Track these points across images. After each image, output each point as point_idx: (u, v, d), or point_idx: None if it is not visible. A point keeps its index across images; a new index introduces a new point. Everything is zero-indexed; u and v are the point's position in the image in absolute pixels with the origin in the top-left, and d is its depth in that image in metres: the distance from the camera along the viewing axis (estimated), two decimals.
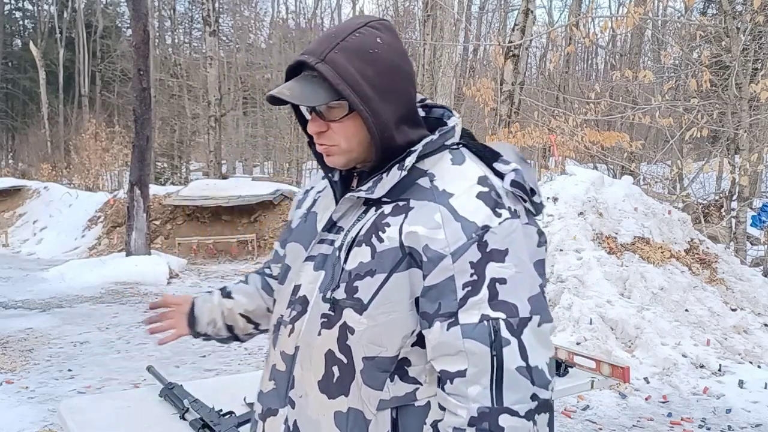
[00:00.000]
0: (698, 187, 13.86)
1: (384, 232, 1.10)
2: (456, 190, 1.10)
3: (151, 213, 11.20)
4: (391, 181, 1.12)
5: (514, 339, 1.04)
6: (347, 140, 1.14)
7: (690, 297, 6.02)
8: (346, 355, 1.12)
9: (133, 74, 10.75)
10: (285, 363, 1.20)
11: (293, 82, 1.13)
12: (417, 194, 1.12)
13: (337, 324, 1.12)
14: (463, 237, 1.05)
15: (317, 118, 1.14)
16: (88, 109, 28.52)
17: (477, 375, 1.04)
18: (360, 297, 1.10)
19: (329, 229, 1.19)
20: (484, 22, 26.37)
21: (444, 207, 1.08)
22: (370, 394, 1.11)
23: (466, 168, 1.14)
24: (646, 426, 4.26)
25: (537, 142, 9.64)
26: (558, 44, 12.60)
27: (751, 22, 8.76)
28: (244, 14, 28.69)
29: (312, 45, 1.13)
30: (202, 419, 1.76)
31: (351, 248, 1.13)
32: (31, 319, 7.21)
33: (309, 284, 1.18)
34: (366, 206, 1.16)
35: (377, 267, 1.09)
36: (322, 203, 1.27)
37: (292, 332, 1.18)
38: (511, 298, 1.05)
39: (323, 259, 1.17)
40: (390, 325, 1.09)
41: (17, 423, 4.22)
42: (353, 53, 1.10)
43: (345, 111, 1.12)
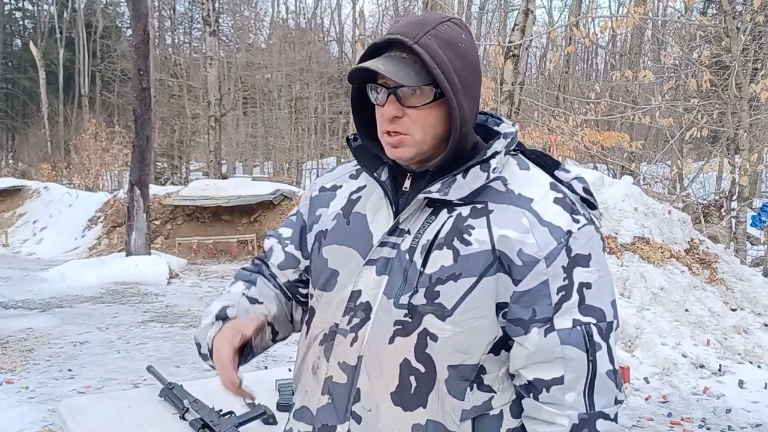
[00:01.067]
0: (698, 187, 13.86)
1: (470, 235, 1.06)
2: (534, 195, 1.09)
3: (151, 213, 11.20)
4: (473, 184, 1.08)
5: (604, 343, 1.06)
6: (423, 130, 1.09)
7: (690, 297, 6.02)
8: (425, 363, 1.07)
9: (133, 74, 10.75)
10: (346, 374, 1.11)
11: (388, 59, 1.07)
12: (494, 197, 1.09)
13: (415, 331, 1.07)
14: (553, 241, 1.05)
15: (395, 101, 1.08)
16: (88, 109, 28.52)
17: (574, 381, 1.05)
18: (442, 302, 1.05)
19: (392, 232, 1.12)
20: (484, 22, 26.38)
21: (528, 212, 1.07)
22: (454, 405, 1.07)
23: (535, 174, 1.13)
24: (646, 426, 4.25)
25: (537, 142, 9.63)
26: (558, 44, 12.60)
27: (751, 22, 8.76)
28: (244, 14, 28.69)
29: (401, 28, 1.09)
30: (202, 419, 1.76)
31: (430, 251, 1.07)
32: (31, 319, 7.20)
33: (371, 290, 1.10)
34: (432, 208, 1.11)
35: (462, 271, 1.05)
36: (369, 204, 1.18)
37: (355, 341, 1.10)
38: (597, 302, 1.06)
39: (386, 262, 1.10)
40: (476, 331, 1.06)
41: (17, 423, 4.22)
42: (445, 43, 1.07)
43: (428, 98, 1.07)
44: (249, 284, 1.30)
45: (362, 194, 1.21)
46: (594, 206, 1.14)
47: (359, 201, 1.20)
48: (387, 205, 1.15)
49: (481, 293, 1.05)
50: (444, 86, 1.05)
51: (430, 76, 1.06)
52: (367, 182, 1.21)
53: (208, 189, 13.19)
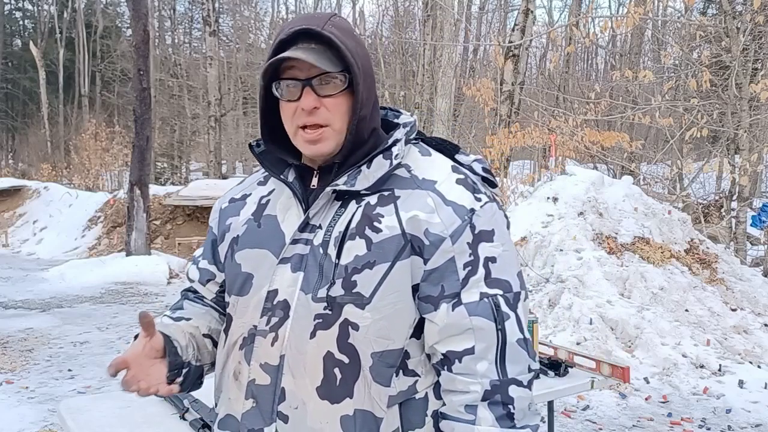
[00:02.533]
0: (698, 187, 13.86)
1: (380, 222, 1.08)
2: (437, 177, 1.13)
3: (151, 213, 11.20)
4: (377, 172, 1.11)
5: (512, 313, 1.10)
6: (340, 118, 1.11)
7: (690, 297, 6.01)
8: (349, 354, 1.08)
9: (133, 74, 10.76)
10: (269, 375, 1.11)
11: (304, 47, 1.09)
12: (399, 184, 1.12)
13: (336, 322, 1.08)
14: (458, 219, 1.09)
15: (311, 92, 1.09)
16: (88, 109, 28.52)
17: (484, 351, 1.08)
18: (360, 291, 1.07)
19: (302, 229, 1.13)
20: (484, 22, 26.36)
21: (432, 192, 1.10)
22: (380, 392, 1.08)
23: (436, 159, 1.18)
24: (646, 426, 4.25)
25: (537, 142, 9.63)
26: (558, 44, 12.59)
27: (751, 22, 8.76)
28: (244, 14, 28.69)
29: (299, 21, 1.11)
30: (202, 419, 1.76)
31: (343, 243, 1.08)
32: (31, 319, 7.20)
33: (288, 287, 1.11)
34: (341, 201, 1.13)
35: (377, 258, 1.07)
36: (278, 205, 1.19)
37: (276, 340, 1.10)
38: (503, 275, 1.10)
39: (300, 259, 1.11)
40: (396, 315, 1.08)
41: (17, 423, 4.22)
42: (345, 32, 1.11)
43: (343, 86, 1.10)
44: (173, 310, 1.31)
45: (271, 197, 1.22)
46: (494, 185, 1.19)
47: (269, 204, 1.21)
48: (297, 204, 1.17)
49: (397, 277, 1.07)
50: (354, 70, 1.08)
51: (340, 63, 1.09)
52: (275, 185, 1.23)
53: (208, 189, 13.20)
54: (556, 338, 5.17)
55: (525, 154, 15.52)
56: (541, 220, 6.99)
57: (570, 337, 5.23)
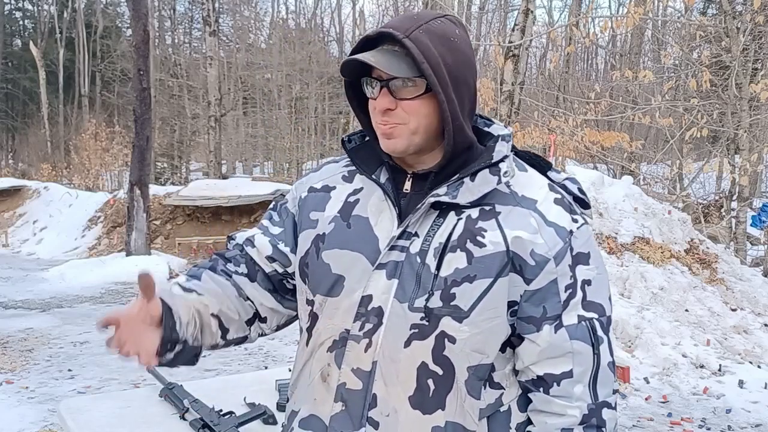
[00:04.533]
0: (698, 187, 13.86)
1: (483, 237, 1.07)
2: (536, 196, 1.12)
3: (151, 213, 11.20)
4: (482, 188, 1.10)
5: (605, 336, 1.12)
6: (417, 120, 1.09)
7: (690, 297, 6.02)
8: (443, 366, 1.07)
9: (133, 74, 10.76)
10: (361, 381, 1.10)
11: (378, 52, 1.09)
12: (499, 199, 1.11)
13: (432, 334, 1.07)
14: (560, 241, 1.09)
15: (388, 93, 1.09)
16: (88, 109, 28.52)
17: (582, 374, 1.10)
18: (458, 304, 1.06)
19: (399, 236, 1.11)
20: (484, 22, 26.36)
21: (534, 212, 1.10)
22: (473, 405, 1.09)
23: (533, 175, 1.17)
24: (646, 426, 4.25)
25: (537, 142, 9.63)
26: (558, 44, 12.60)
27: (751, 22, 8.76)
28: (244, 14, 28.69)
29: (394, 22, 1.11)
30: (202, 419, 1.76)
31: (444, 254, 1.07)
32: (31, 319, 7.20)
33: (382, 294, 1.09)
34: (438, 210, 1.11)
35: (477, 272, 1.06)
36: (370, 206, 1.16)
37: (369, 346, 1.09)
38: (597, 298, 1.11)
39: (395, 266, 1.09)
40: (492, 331, 1.08)
41: (17, 423, 4.22)
42: (437, 37, 1.08)
43: (420, 90, 1.08)
44: (190, 278, 1.24)
45: (360, 197, 1.18)
46: (587, 206, 1.18)
47: (358, 204, 1.18)
48: (389, 207, 1.14)
49: (496, 294, 1.07)
50: (431, 79, 1.06)
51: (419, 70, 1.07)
52: (364, 184, 1.20)
53: (208, 189, 13.20)
54: None
55: None
56: None
57: None
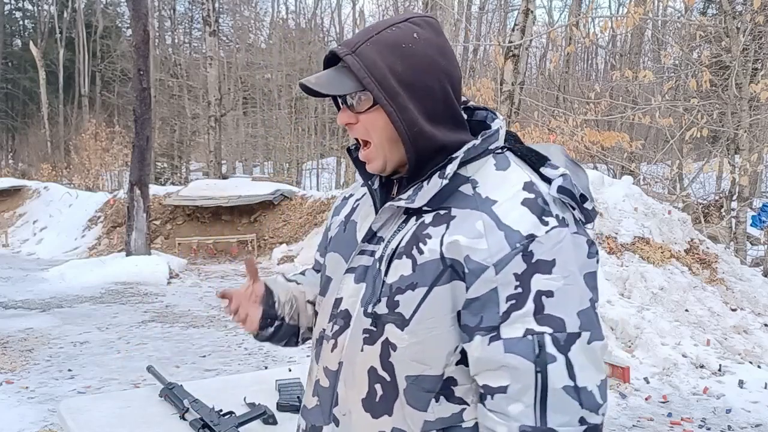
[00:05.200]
0: (698, 187, 13.86)
1: (425, 243, 1.05)
2: (500, 197, 1.04)
3: (151, 213, 11.20)
4: (431, 190, 1.07)
5: (561, 355, 0.98)
6: (377, 134, 1.09)
7: (690, 297, 6.02)
8: (389, 372, 1.07)
9: (133, 74, 10.76)
10: (328, 379, 1.15)
11: (325, 72, 1.12)
12: (459, 202, 1.06)
13: (379, 340, 1.07)
14: (507, 247, 1.00)
15: (346, 109, 1.12)
16: (88, 109, 28.53)
17: (519, 392, 0.99)
18: (401, 312, 1.05)
19: (369, 240, 1.13)
20: (484, 22, 26.35)
21: (486, 215, 1.03)
22: (414, 415, 1.06)
23: (511, 173, 1.09)
24: (646, 426, 4.25)
25: (537, 142, 9.63)
26: (558, 44, 12.60)
27: (751, 22, 8.76)
28: (244, 14, 28.69)
29: (351, 37, 1.13)
30: (202, 419, 1.76)
31: (392, 260, 1.07)
32: (31, 319, 7.20)
33: (350, 297, 1.13)
34: (407, 215, 1.11)
35: (418, 280, 1.04)
36: (362, 211, 1.21)
37: (335, 347, 1.14)
38: (558, 312, 0.99)
39: (364, 271, 1.12)
40: (432, 341, 1.04)
41: (17, 423, 4.22)
42: (385, 47, 1.07)
43: (370, 102, 1.09)
44: (296, 274, 1.42)
45: (361, 202, 1.24)
46: (575, 207, 1.08)
47: (357, 209, 1.24)
48: (373, 213, 1.17)
49: (435, 303, 1.03)
50: (375, 92, 1.06)
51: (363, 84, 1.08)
52: (366, 191, 1.24)
53: (208, 189, 13.20)
54: None
55: None
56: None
57: None
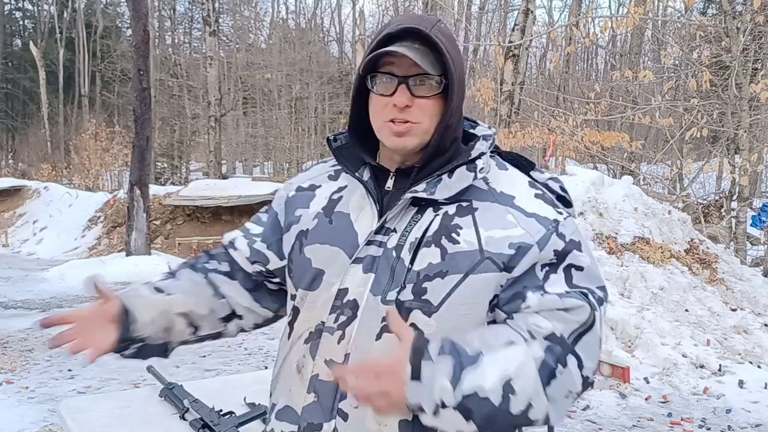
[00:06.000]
0: (698, 187, 13.86)
1: (458, 234, 1.08)
2: (515, 192, 1.13)
3: (151, 213, 11.20)
4: (459, 184, 1.11)
5: (600, 308, 1.08)
6: (429, 120, 1.11)
7: (690, 297, 6.01)
8: None
9: (133, 74, 10.76)
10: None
11: (416, 47, 1.09)
12: (477, 195, 1.12)
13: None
14: (542, 229, 1.08)
15: (406, 90, 1.10)
16: (88, 109, 28.54)
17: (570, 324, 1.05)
18: (429, 299, 1.07)
19: (378, 231, 1.13)
20: (484, 22, 26.36)
21: (512, 208, 1.10)
22: None
23: (513, 174, 1.17)
24: (646, 426, 4.25)
25: (537, 142, 9.63)
26: (558, 44, 12.60)
27: (751, 22, 8.76)
28: (244, 14, 28.69)
29: (408, 20, 1.12)
30: (202, 419, 1.76)
31: (418, 249, 1.08)
32: (31, 319, 7.20)
33: (358, 287, 1.11)
34: (417, 207, 1.12)
35: (449, 268, 1.07)
36: (352, 203, 1.19)
37: (342, 338, 1.11)
38: (585, 283, 1.09)
39: (372, 260, 1.12)
40: (460, 328, 1.06)
41: (17, 423, 4.22)
42: (447, 38, 1.11)
43: (438, 89, 1.10)
44: (168, 275, 1.31)
45: (343, 194, 1.21)
46: (570, 204, 1.17)
47: (341, 201, 1.20)
48: (370, 204, 1.16)
49: (468, 290, 1.06)
50: (453, 78, 1.08)
51: (440, 68, 1.09)
52: (348, 182, 1.22)
53: (208, 189, 13.21)
54: None
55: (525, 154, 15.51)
56: None
57: None
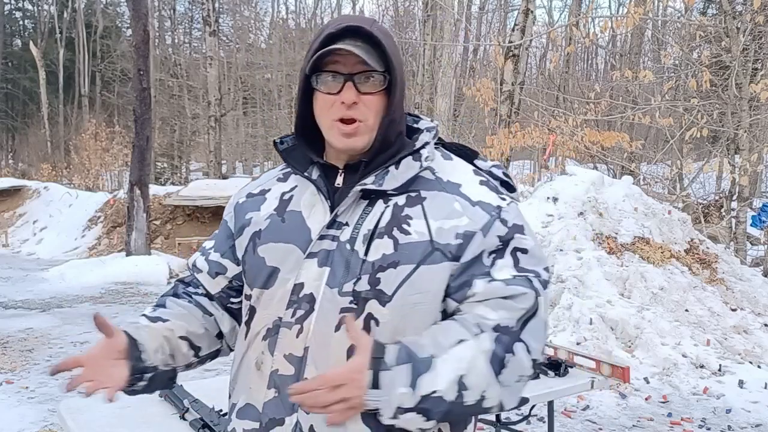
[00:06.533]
0: (698, 187, 13.85)
1: (408, 225, 1.12)
2: (460, 180, 1.17)
3: (151, 213, 11.20)
4: (406, 174, 1.14)
5: (544, 292, 1.13)
6: (375, 116, 1.14)
7: (690, 297, 6.01)
8: None
9: (133, 74, 10.76)
10: (293, 366, 1.13)
11: (360, 43, 1.12)
12: (425, 185, 1.15)
13: (360, 317, 1.10)
14: (486, 215, 1.13)
15: (352, 87, 1.12)
16: (88, 109, 28.52)
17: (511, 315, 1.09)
18: (383, 288, 1.10)
19: (330, 225, 1.16)
20: (484, 22, 26.34)
21: (458, 196, 1.14)
22: None
23: (458, 163, 1.22)
24: (646, 426, 4.25)
25: (537, 142, 9.63)
26: (558, 44, 12.59)
27: (751, 22, 8.76)
28: (244, 14, 28.68)
29: (348, 19, 1.14)
30: (202, 419, 1.76)
31: (371, 240, 1.11)
32: (31, 319, 7.20)
33: (314, 281, 1.14)
34: (368, 200, 1.15)
35: (401, 258, 1.10)
36: (303, 201, 1.21)
37: (301, 332, 1.13)
38: (531, 266, 1.13)
39: (326, 254, 1.14)
40: (416, 315, 1.11)
41: (17, 423, 4.22)
42: (387, 36, 1.15)
43: (382, 85, 1.13)
44: (155, 308, 1.32)
45: (294, 193, 1.23)
46: (513, 189, 1.22)
47: (292, 200, 1.23)
48: (322, 201, 1.18)
49: (419, 280, 1.10)
50: (394, 73, 1.12)
51: (383, 64, 1.12)
52: (298, 183, 1.24)
53: (208, 189, 13.20)
54: (556, 338, 5.16)
55: (525, 154, 15.52)
56: (541, 220, 6.99)
57: (570, 337, 5.23)
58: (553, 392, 2.39)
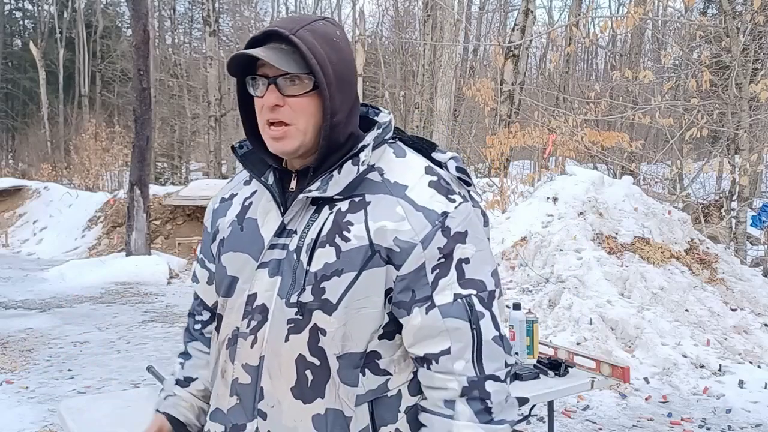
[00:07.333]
0: (698, 187, 13.85)
1: (348, 231, 1.11)
2: (408, 181, 1.14)
3: (151, 213, 11.20)
4: (346, 178, 1.13)
5: (487, 311, 1.12)
6: (305, 119, 1.12)
7: (690, 297, 6.01)
8: (319, 357, 1.12)
9: (133, 74, 10.76)
10: (249, 375, 1.16)
11: (269, 48, 1.11)
12: (370, 188, 1.14)
13: (306, 327, 1.11)
14: (428, 225, 1.10)
15: (275, 90, 1.12)
16: (88, 109, 28.51)
17: (461, 350, 1.11)
18: (328, 298, 1.10)
19: (280, 234, 1.16)
20: (484, 22, 26.34)
21: (402, 200, 1.12)
22: (348, 392, 1.12)
23: (410, 160, 1.19)
24: (646, 426, 4.25)
25: (537, 142, 9.63)
26: (558, 44, 12.60)
27: (751, 22, 8.76)
28: (244, 14, 28.69)
29: (278, 22, 1.15)
30: None
31: (314, 250, 1.12)
32: (31, 319, 7.21)
33: (266, 291, 1.15)
34: (315, 206, 1.15)
35: (344, 266, 1.10)
36: (260, 208, 1.22)
37: (255, 342, 1.15)
38: (477, 275, 1.12)
39: (277, 264, 1.15)
40: (360, 319, 1.11)
41: (17, 423, 4.22)
42: (320, 37, 1.12)
43: (307, 87, 1.12)
44: (182, 360, 1.41)
45: (254, 199, 1.25)
46: (469, 183, 1.21)
47: (251, 206, 1.24)
48: (275, 208, 1.19)
49: (363, 286, 1.10)
50: (318, 75, 1.10)
51: (307, 67, 1.11)
52: (257, 187, 1.25)
53: (208, 189, 13.19)
54: (556, 338, 5.17)
55: (525, 154, 15.50)
56: (541, 220, 6.99)
57: (570, 337, 5.23)
58: (553, 392, 2.39)
